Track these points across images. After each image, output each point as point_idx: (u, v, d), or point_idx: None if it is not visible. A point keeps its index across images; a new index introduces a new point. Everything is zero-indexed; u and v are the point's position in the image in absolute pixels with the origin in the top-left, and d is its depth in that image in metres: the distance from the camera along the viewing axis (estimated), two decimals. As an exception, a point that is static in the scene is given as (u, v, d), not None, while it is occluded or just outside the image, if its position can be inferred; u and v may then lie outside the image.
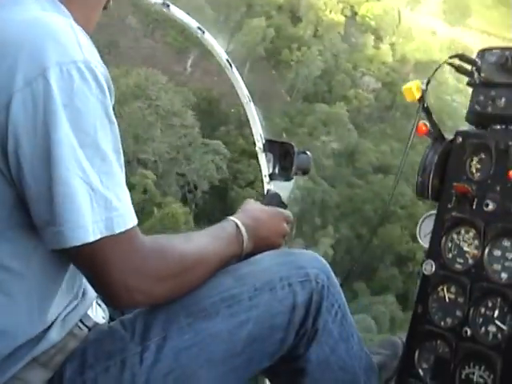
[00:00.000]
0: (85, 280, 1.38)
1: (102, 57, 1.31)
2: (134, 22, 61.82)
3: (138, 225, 1.30)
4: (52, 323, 1.36)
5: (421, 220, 1.99)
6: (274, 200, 1.81)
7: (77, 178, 1.20)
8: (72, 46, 1.22)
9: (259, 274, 1.51)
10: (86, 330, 1.44)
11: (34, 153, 1.20)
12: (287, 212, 1.72)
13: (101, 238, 1.22)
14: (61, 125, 1.19)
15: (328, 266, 1.60)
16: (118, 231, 1.24)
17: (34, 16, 1.26)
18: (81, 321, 1.43)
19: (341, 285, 1.64)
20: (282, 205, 1.81)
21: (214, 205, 43.69)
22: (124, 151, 1.30)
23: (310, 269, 1.54)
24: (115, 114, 1.30)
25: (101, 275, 1.26)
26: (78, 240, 1.21)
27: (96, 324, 1.46)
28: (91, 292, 1.45)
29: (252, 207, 1.67)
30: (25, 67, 1.19)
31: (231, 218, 1.57)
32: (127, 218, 1.26)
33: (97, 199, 1.22)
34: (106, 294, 1.30)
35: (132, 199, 1.31)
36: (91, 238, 1.22)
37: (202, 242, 1.45)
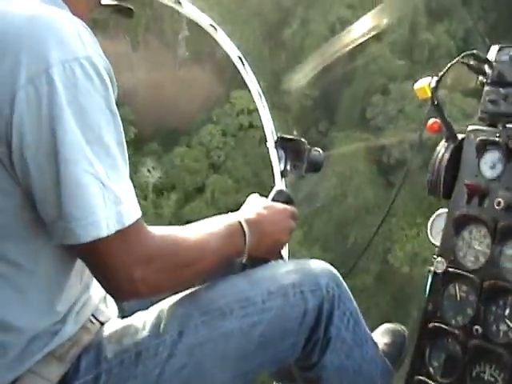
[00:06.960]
0: None
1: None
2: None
3: None
4: (66, 317, 1.37)
5: (432, 218, 1.98)
6: (280, 197, 1.81)
7: (87, 175, 1.21)
8: (74, 42, 1.22)
9: (273, 280, 1.55)
10: (98, 324, 1.45)
11: (39, 150, 1.20)
12: (292, 208, 1.73)
13: (113, 233, 1.24)
14: (66, 122, 1.19)
15: (338, 275, 1.62)
16: (127, 224, 1.25)
17: (33, 10, 1.24)
18: (93, 315, 1.45)
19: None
20: (290, 201, 1.80)
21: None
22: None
23: (321, 278, 1.57)
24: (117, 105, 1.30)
25: (106, 267, 1.27)
26: (91, 236, 1.22)
27: (109, 318, 1.48)
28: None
29: (256, 203, 1.68)
30: (28, 64, 1.19)
31: (234, 214, 1.58)
32: (133, 211, 1.28)
33: (108, 194, 1.23)
34: (110, 286, 1.31)
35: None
36: (105, 233, 1.23)
37: (205, 236, 1.45)
